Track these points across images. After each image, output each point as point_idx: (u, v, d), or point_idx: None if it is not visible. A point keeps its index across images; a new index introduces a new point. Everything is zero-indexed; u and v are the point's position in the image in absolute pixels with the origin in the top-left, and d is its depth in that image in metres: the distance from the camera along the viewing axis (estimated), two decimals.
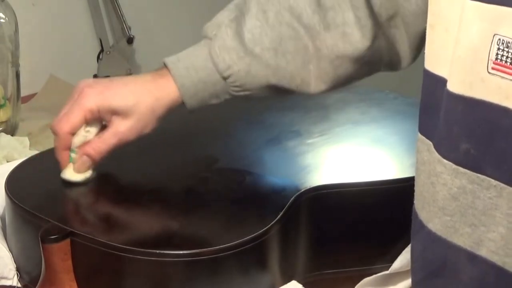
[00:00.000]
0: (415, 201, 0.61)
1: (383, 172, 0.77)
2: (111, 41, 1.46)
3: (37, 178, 0.76)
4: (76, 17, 1.46)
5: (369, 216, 0.74)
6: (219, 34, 0.73)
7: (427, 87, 0.59)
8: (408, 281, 0.73)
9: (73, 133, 0.73)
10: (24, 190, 0.72)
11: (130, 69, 1.47)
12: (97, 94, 0.72)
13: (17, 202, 0.69)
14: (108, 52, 1.45)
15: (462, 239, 0.55)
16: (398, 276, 0.72)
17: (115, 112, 0.72)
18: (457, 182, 0.54)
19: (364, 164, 0.79)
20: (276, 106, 0.95)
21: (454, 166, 0.54)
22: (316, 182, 0.72)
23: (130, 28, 1.43)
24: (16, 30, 1.14)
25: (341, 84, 0.76)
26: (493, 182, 0.52)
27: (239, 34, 0.72)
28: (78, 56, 1.46)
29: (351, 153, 0.82)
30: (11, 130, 1.13)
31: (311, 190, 0.71)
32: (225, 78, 0.73)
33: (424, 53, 0.74)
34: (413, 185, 0.74)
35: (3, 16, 1.12)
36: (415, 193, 0.61)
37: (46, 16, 1.40)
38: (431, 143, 0.57)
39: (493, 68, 0.50)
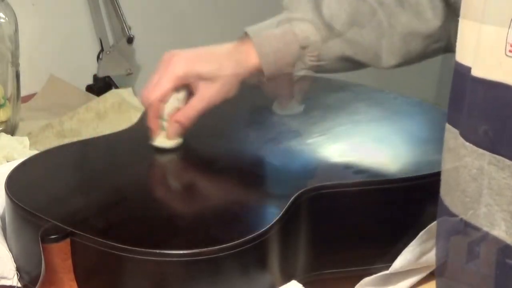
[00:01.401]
0: (441, 190, 0.63)
1: (383, 172, 0.77)
2: (111, 41, 1.46)
3: (37, 178, 0.77)
4: (76, 17, 1.46)
5: (369, 216, 0.74)
6: (300, 7, 0.79)
7: (456, 79, 0.61)
8: (408, 281, 0.73)
9: (164, 101, 0.77)
10: (24, 190, 0.72)
11: (130, 69, 1.47)
12: (185, 62, 0.77)
13: (17, 202, 0.69)
14: (108, 52, 1.45)
15: (479, 220, 0.56)
16: (398, 276, 0.72)
17: (202, 78, 0.77)
18: (476, 163, 0.56)
19: (364, 164, 0.79)
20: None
21: (474, 148, 0.56)
22: (316, 182, 0.72)
23: (130, 28, 1.43)
24: (16, 30, 1.14)
25: (410, 61, 0.81)
26: (508, 162, 0.54)
27: (318, 8, 0.78)
28: (78, 56, 1.46)
29: (351, 153, 0.82)
30: (11, 130, 1.13)
31: (311, 190, 0.71)
32: (303, 48, 0.78)
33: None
34: (413, 185, 0.75)
35: (3, 16, 1.12)
36: (441, 182, 0.63)
37: (46, 16, 1.40)
38: (457, 131, 0.59)
39: (510, 51, 0.52)
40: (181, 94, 0.78)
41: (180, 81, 0.77)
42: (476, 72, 0.56)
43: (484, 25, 0.55)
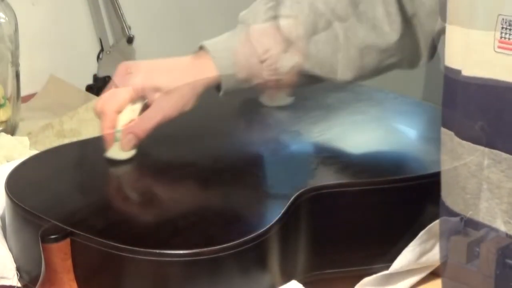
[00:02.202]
0: (441, 192, 0.64)
1: (383, 172, 0.77)
2: (111, 41, 1.46)
3: (37, 178, 0.76)
4: (76, 17, 1.46)
5: (369, 216, 0.74)
6: (258, 21, 0.78)
7: (447, 82, 0.61)
8: (408, 281, 0.73)
9: (119, 112, 0.76)
10: (24, 190, 0.72)
11: None
12: (142, 73, 0.77)
13: (17, 202, 0.69)
14: (108, 52, 1.45)
15: (481, 214, 0.58)
16: (398, 276, 0.72)
17: (159, 90, 0.76)
18: (474, 159, 0.57)
19: (364, 164, 0.79)
20: (276, 106, 0.95)
21: (472, 145, 0.57)
22: (316, 182, 0.72)
23: (130, 28, 1.43)
24: (16, 30, 1.14)
25: (365, 75, 0.81)
26: (504, 155, 0.55)
27: (275, 21, 0.78)
28: (78, 56, 1.46)
29: (351, 153, 0.82)
30: (11, 130, 1.13)
31: (311, 190, 0.71)
32: (262, 62, 0.77)
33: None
34: (413, 185, 0.74)
35: (3, 16, 1.12)
36: (441, 185, 0.64)
37: (46, 16, 1.40)
38: (452, 132, 0.60)
39: (498, 47, 0.54)
40: (137, 106, 0.77)
41: (137, 93, 0.77)
42: (467, 72, 0.57)
43: (473, 30, 0.56)
